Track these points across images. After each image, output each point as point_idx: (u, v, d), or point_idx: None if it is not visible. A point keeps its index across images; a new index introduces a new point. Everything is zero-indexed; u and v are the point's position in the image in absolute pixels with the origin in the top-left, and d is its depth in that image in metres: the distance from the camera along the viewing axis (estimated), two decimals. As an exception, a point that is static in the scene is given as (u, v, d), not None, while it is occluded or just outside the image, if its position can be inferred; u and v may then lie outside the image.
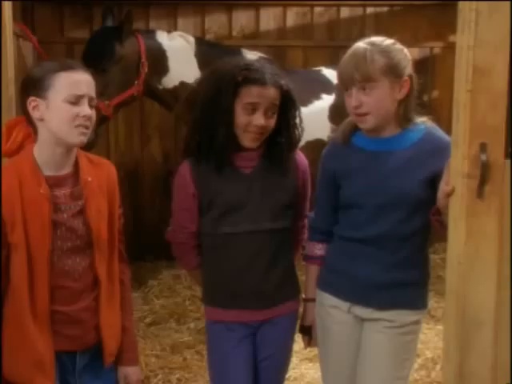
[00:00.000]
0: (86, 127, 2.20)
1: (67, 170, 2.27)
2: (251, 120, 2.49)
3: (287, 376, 3.85)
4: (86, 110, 2.19)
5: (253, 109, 2.49)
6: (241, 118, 2.51)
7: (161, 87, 4.87)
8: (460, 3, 1.95)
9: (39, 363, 2.20)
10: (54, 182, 2.23)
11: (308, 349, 3.60)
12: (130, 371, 2.46)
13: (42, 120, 2.19)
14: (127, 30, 4.66)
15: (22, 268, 2.16)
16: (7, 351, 2.18)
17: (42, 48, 5.11)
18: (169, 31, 5.02)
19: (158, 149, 6.24)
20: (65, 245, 2.23)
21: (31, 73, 2.26)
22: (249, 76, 2.50)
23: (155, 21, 6.00)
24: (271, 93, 2.50)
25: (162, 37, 4.88)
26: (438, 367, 4.02)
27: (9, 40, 3.17)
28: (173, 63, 4.85)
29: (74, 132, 2.19)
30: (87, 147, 4.63)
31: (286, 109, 2.59)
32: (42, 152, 2.22)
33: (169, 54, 4.85)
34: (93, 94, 2.23)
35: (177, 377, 4.00)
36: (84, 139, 2.23)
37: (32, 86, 2.20)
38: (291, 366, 3.35)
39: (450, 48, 6.06)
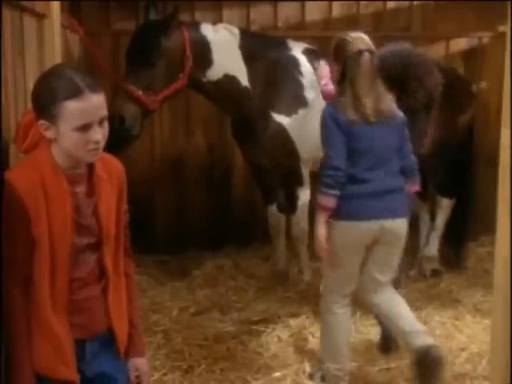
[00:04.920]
0: (98, 148, 2.23)
1: (82, 168, 2.30)
2: None
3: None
4: (96, 135, 2.18)
5: None
6: None
7: (205, 80, 4.87)
8: (510, -8, 1.91)
9: (61, 353, 2.25)
10: (72, 180, 2.26)
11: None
12: (140, 362, 2.52)
13: (55, 140, 2.21)
14: (173, 24, 4.67)
15: (45, 261, 2.20)
16: (30, 342, 2.23)
17: (88, 40, 5.16)
18: (214, 23, 5.02)
19: (203, 140, 6.26)
20: (82, 242, 2.29)
21: (38, 94, 2.21)
22: None
23: (200, 12, 6.00)
24: None
25: (207, 29, 4.87)
26: (484, 362, 3.96)
27: (56, 31, 3.23)
28: (217, 56, 4.84)
29: (86, 155, 2.22)
30: (132, 140, 4.74)
31: None
32: (59, 154, 2.24)
33: (213, 46, 4.83)
34: (104, 113, 2.21)
35: (220, 367, 4.01)
36: (97, 157, 2.27)
37: (40, 110, 2.19)
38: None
39: (499, 38, 5.96)
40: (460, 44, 6.37)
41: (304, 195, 5.06)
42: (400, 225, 3.58)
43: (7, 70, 2.56)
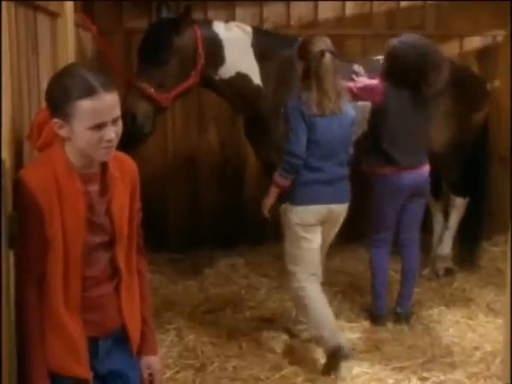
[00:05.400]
0: (111, 147, 2.23)
1: (95, 167, 2.31)
2: None
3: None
4: (109, 134, 2.18)
5: None
6: None
7: (217, 78, 4.86)
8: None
9: (74, 351, 2.26)
10: (86, 179, 2.27)
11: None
12: (152, 360, 2.53)
13: (68, 138, 2.22)
14: (185, 22, 4.67)
15: (58, 259, 2.21)
16: (44, 341, 2.24)
17: (101, 38, 5.17)
18: (226, 21, 5.02)
19: (215, 137, 6.27)
20: (95, 240, 2.30)
21: (52, 92, 2.22)
22: None
23: (213, 11, 6.00)
24: None
25: (219, 27, 4.87)
26: (498, 361, 3.95)
27: (70, 30, 3.24)
28: (229, 53, 4.83)
29: (99, 153, 2.22)
30: (144, 137, 4.75)
31: None
32: (73, 153, 2.25)
33: (225, 44, 4.82)
34: (117, 112, 2.21)
35: (233, 365, 4.03)
36: (110, 156, 2.27)
37: (54, 108, 2.20)
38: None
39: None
40: (474, 42, 6.34)
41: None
42: (344, 209, 4.11)
43: (22, 69, 2.58)
